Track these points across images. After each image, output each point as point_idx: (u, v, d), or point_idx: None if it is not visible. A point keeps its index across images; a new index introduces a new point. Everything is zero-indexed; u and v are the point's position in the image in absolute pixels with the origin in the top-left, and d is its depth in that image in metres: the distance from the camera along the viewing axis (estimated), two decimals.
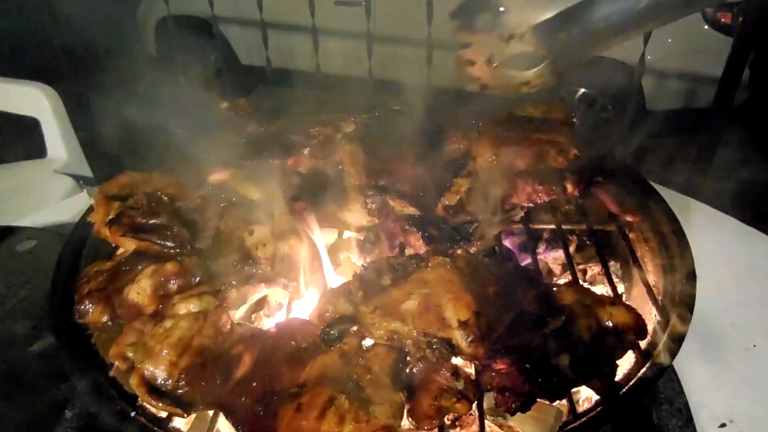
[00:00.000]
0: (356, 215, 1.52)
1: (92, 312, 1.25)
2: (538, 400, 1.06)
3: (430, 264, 1.24)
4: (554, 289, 1.21)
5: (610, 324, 1.13)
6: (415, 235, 1.44)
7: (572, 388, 1.11)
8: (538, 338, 1.09)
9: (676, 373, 1.50)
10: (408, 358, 1.12)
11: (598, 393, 1.12)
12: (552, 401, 1.08)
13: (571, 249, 1.70)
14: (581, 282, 1.48)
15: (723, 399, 1.49)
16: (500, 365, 1.06)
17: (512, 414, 1.04)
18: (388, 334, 1.13)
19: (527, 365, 1.05)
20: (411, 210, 1.50)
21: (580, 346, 1.09)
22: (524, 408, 1.04)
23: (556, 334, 1.09)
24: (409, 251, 1.47)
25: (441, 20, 2.96)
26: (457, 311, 1.12)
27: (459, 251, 1.30)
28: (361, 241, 1.59)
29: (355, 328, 1.17)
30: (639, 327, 1.14)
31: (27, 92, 2.90)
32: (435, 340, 1.10)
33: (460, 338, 1.09)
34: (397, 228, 1.48)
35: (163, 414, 1.14)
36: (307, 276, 1.37)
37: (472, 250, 1.41)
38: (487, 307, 1.13)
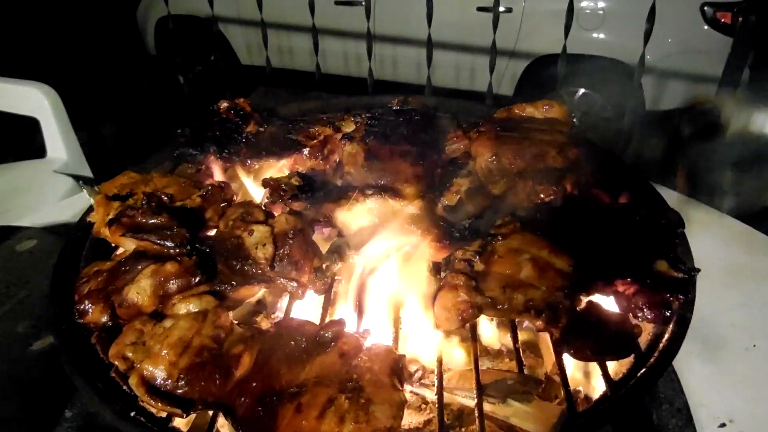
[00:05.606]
0: (356, 215, 1.52)
1: (92, 312, 1.25)
2: (539, 398, 1.06)
3: (500, 237, 1.26)
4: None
5: None
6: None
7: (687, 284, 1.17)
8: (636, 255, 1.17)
9: (676, 373, 1.50)
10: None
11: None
12: (679, 298, 1.13)
13: None
14: None
15: (723, 399, 1.49)
16: (624, 287, 1.14)
17: (665, 323, 1.15)
18: (523, 306, 1.14)
19: (647, 280, 1.13)
20: (411, 210, 1.50)
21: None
22: (669, 317, 1.12)
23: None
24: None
25: (441, 20, 2.98)
26: (561, 259, 1.18)
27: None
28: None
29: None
30: None
31: (27, 92, 2.90)
32: (566, 291, 1.14)
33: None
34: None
35: (163, 414, 1.14)
36: (306, 276, 1.37)
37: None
38: (579, 247, 1.20)
